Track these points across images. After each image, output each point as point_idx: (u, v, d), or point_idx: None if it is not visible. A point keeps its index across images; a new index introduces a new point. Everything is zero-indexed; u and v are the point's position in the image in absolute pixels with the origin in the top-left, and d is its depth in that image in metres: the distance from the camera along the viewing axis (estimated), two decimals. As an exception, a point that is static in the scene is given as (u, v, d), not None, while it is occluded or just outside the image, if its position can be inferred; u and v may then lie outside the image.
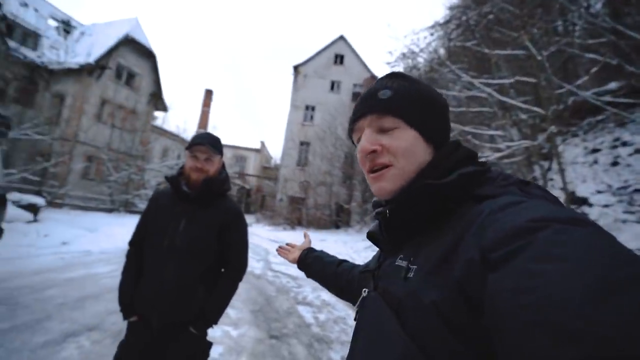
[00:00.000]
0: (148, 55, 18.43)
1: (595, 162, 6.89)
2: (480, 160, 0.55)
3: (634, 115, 6.58)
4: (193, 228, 1.36)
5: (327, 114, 21.60)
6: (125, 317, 1.40)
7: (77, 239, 7.49)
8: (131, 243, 1.50)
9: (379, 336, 0.48)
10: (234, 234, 1.44)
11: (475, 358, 0.37)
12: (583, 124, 8.49)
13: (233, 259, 1.45)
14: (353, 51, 23.92)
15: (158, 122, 22.69)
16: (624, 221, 5.09)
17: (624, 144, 6.88)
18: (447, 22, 12.39)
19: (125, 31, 16.89)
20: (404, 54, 13.53)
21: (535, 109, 5.88)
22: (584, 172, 6.73)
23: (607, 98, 6.35)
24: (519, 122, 7.11)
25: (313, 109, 23.15)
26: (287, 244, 1.13)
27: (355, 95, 23.06)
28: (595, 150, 7.21)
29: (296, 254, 1.06)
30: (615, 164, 6.60)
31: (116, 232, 9.02)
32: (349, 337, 3.49)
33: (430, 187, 0.48)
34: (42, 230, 7.45)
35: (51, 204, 12.84)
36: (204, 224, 1.38)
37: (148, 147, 18.43)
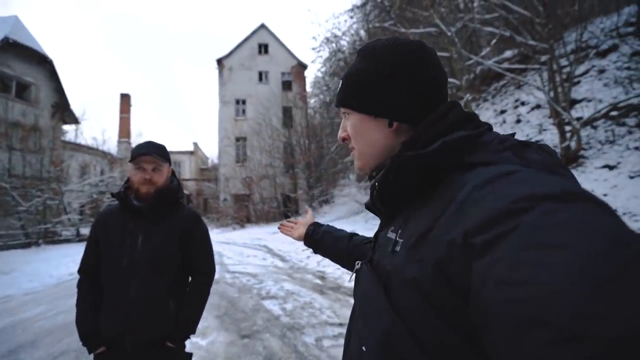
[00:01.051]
0: (40, 60, 15.78)
1: (504, 121, 7.92)
2: (480, 122, 0.52)
3: (526, 78, 7.67)
4: (152, 242, 1.31)
5: (259, 106, 21.16)
6: (90, 350, 1.30)
7: (-11, 285, 6.36)
8: (81, 271, 1.39)
9: (370, 309, 0.48)
10: (197, 240, 1.41)
11: (461, 337, 0.36)
12: (491, 89, 9.65)
13: (200, 266, 1.42)
14: (277, 39, 23.55)
15: (70, 137, 19.93)
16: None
17: (523, 103, 8.02)
18: (364, 4, 12.85)
19: (2, 33, 14.15)
20: (327, 39, 13.78)
21: (452, 80, 6.53)
22: (496, 131, 7.71)
23: (505, 65, 7.29)
24: (439, 94, 7.81)
25: (244, 102, 22.48)
26: (288, 220, 1.09)
27: (285, 84, 22.88)
28: (502, 112, 8.27)
29: (301, 230, 1.02)
30: (518, 121, 7.67)
31: (39, 269, 7.87)
32: (318, 320, 3.62)
33: (408, 158, 0.46)
34: (-61, 284, 6.18)
35: (-57, 251, 10.61)
36: (164, 236, 1.33)
37: (62, 166, 16.09)
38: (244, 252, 9.39)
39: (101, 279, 1.33)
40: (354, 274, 0.61)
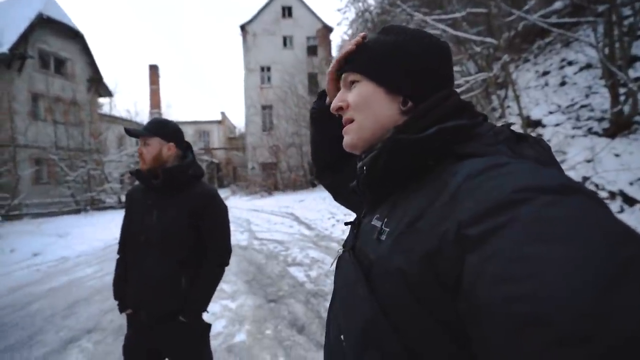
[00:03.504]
0: (73, 35, 16.25)
1: (546, 84, 7.24)
2: (476, 112, 0.50)
3: (577, 34, 6.83)
4: (164, 219, 1.35)
5: (284, 73, 20.71)
6: (121, 311, 1.44)
7: (48, 247, 7.14)
8: (120, 240, 1.52)
9: (350, 299, 0.47)
10: (208, 220, 1.40)
11: (445, 331, 0.34)
12: (533, 48, 8.75)
13: (212, 245, 1.43)
14: (301, 1, 22.44)
15: (105, 110, 20.88)
16: (573, 137, 5.53)
17: (570, 63, 7.22)
18: (393, -44, 11.73)
19: (36, 9, 14.45)
20: (353, -2, 12.86)
21: (488, 39, 5.96)
22: (536, 96, 7.07)
23: (553, 19, 6.50)
24: (475, 55, 7.20)
25: (269, 69, 22.10)
26: None
27: (310, 49, 22.11)
28: (545, 73, 7.53)
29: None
30: (563, 83, 6.97)
31: (89, 233, 8.66)
32: (342, 287, 3.74)
33: (401, 141, 0.44)
34: (7, 246, 7.01)
35: (8, 217, 11.88)
36: (173, 213, 1.36)
37: (101, 138, 17.09)
38: (271, 220, 9.70)
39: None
40: (335, 260, 0.59)
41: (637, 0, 5.93)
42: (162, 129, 1.40)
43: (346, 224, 0.76)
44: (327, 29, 22.18)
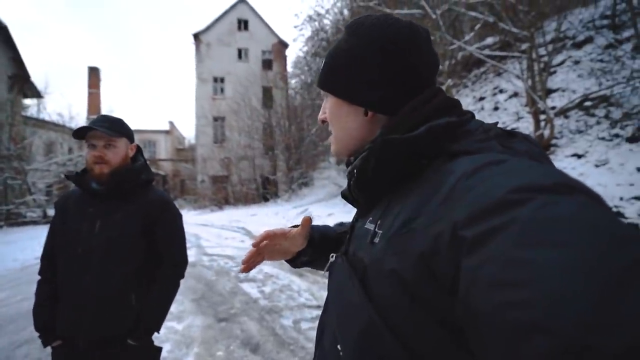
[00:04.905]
0: (-6, 26, 14.42)
1: (482, 108, 8.06)
2: (463, 110, 0.49)
3: (506, 65, 7.77)
4: (110, 228, 1.19)
5: (238, 84, 20.45)
6: (45, 344, 1.20)
7: (-56, 269, 5.96)
8: (42, 257, 1.28)
9: (344, 304, 0.46)
10: (163, 228, 1.28)
11: (445, 331, 0.34)
12: (471, 75, 9.75)
13: (167, 256, 1.30)
14: (257, 15, 22.61)
15: (32, 112, 18.54)
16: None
17: (501, 91, 8.17)
18: (348, -19, 12.44)
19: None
20: (310, 17, 13.37)
21: (433, 65, 6.52)
22: (474, 119, 7.86)
23: (487, 52, 7.34)
24: (421, 79, 7.81)
25: (222, 80, 21.69)
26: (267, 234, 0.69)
27: (265, 63, 22.17)
28: (481, 99, 8.41)
29: (299, 242, 0.70)
30: (496, 108, 7.83)
31: (2, 252, 7.44)
32: (296, 303, 3.64)
33: (391, 142, 0.43)
34: None
35: None
36: (123, 222, 1.21)
37: (23, 143, 15.03)
38: (221, 235, 9.27)
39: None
40: (328, 267, 0.57)
41: (550, 43, 6.97)
42: (126, 128, 1.27)
43: (340, 234, 0.75)
44: (283, 44, 22.51)
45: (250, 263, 0.69)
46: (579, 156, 5.58)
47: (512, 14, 6.47)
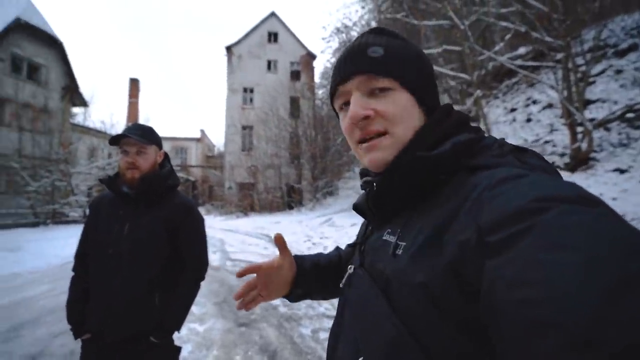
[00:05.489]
0: (51, 42, 15.83)
1: (514, 120, 7.76)
2: (474, 125, 0.50)
3: (539, 76, 7.46)
4: (138, 231, 1.26)
5: (266, 95, 21.01)
6: (76, 337, 1.29)
7: (-4, 262, 6.52)
8: (77, 255, 1.37)
9: (368, 317, 0.45)
10: (186, 232, 1.34)
11: (473, 343, 0.34)
12: (502, 86, 9.44)
13: (189, 259, 1.36)
14: (286, 28, 23.25)
15: (78, 120, 20.10)
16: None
17: (534, 102, 7.83)
18: (376, -6, 12.58)
19: (15, 13, 14.08)
20: (337, 29, 13.57)
21: (462, 75, 6.38)
22: (505, 130, 7.55)
23: (519, 62, 7.09)
24: (449, 89, 7.65)
25: (252, 91, 22.35)
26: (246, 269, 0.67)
27: (293, 74, 22.67)
28: (513, 110, 8.10)
29: (287, 276, 0.69)
30: (529, 120, 7.50)
31: (46, 248, 8.03)
32: (315, 312, 3.63)
33: (422, 159, 0.43)
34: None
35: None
36: (149, 226, 1.28)
37: (70, 148, 16.27)
38: (245, 241, 9.44)
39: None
40: (346, 278, 0.56)
41: (588, 52, 6.61)
42: (156, 136, 1.36)
43: (348, 245, 0.75)
44: (311, 56, 22.94)
45: (246, 298, 0.66)
46: (622, 171, 5.20)
47: (547, 22, 6.23)
